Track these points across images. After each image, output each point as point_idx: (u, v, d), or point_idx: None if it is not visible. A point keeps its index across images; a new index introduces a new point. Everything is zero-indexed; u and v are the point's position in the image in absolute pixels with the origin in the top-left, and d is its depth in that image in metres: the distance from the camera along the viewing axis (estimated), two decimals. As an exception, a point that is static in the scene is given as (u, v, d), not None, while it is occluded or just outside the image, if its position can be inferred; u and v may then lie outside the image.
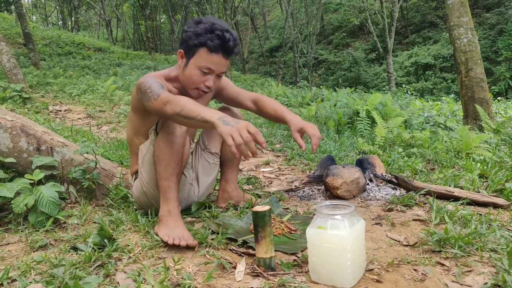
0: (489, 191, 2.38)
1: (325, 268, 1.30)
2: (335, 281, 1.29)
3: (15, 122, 1.97)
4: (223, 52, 1.69)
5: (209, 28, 1.65)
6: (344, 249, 1.26)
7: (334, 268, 1.28)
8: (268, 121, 5.88)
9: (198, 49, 1.67)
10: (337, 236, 1.27)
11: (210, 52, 1.66)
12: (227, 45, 1.68)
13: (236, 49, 1.73)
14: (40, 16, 38.36)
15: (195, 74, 1.70)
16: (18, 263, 1.37)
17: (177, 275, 1.31)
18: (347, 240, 1.26)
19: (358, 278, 1.32)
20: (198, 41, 1.65)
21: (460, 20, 5.20)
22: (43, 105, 6.31)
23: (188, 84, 1.74)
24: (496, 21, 18.90)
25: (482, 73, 5.19)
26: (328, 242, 1.28)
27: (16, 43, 15.88)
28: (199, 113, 1.43)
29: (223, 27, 1.67)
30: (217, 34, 1.65)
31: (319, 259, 1.31)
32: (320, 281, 1.31)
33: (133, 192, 1.95)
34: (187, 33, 1.68)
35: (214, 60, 1.69)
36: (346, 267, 1.27)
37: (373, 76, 21.21)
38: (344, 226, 1.27)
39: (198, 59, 1.68)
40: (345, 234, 1.26)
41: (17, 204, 1.66)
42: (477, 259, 1.45)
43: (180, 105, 1.48)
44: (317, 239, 1.31)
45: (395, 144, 4.17)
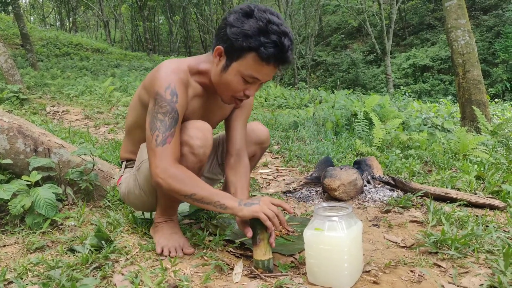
0: (486, 192, 2.39)
1: (322, 270, 1.30)
2: (332, 283, 1.29)
3: (12, 124, 1.96)
4: (276, 62, 1.35)
5: (263, 28, 1.30)
6: (341, 251, 1.26)
7: (331, 270, 1.28)
8: (267, 123, 5.88)
9: (245, 53, 1.33)
10: (334, 237, 1.27)
11: (261, 60, 1.33)
12: (284, 55, 1.34)
13: (291, 58, 1.40)
14: (38, 16, 38.31)
15: (236, 81, 1.40)
16: (14, 265, 1.37)
17: (174, 276, 1.31)
18: (344, 241, 1.26)
19: (355, 280, 1.32)
20: (248, 45, 1.31)
21: (457, 22, 5.22)
22: (41, 106, 6.30)
23: (224, 90, 1.46)
24: (494, 23, 18.98)
25: (480, 75, 5.21)
26: (325, 244, 1.28)
27: (13, 44, 15.86)
28: (218, 200, 1.35)
29: (280, 29, 1.31)
30: (273, 41, 1.30)
31: (316, 261, 1.31)
32: (317, 282, 1.31)
33: (120, 185, 1.76)
34: (232, 29, 1.33)
35: (264, 71, 1.37)
36: (343, 269, 1.27)
37: (371, 77, 21.26)
38: (342, 227, 1.28)
39: (243, 66, 1.36)
40: (342, 236, 1.26)
41: (14, 206, 1.65)
42: (474, 260, 1.45)
43: (192, 185, 1.36)
44: (314, 241, 1.31)
45: (393, 145, 4.18)
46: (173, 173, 1.35)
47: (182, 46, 32.43)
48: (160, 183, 1.36)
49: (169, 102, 1.38)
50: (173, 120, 1.38)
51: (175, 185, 1.35)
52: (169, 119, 1.37)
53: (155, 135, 1.37)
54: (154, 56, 21.01)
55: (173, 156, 1.38)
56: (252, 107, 1.76)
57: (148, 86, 1.48)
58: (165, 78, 1.40)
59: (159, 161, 1.36)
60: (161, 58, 19.99)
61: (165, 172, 1.35)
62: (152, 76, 1.46)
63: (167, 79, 1.40)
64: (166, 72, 1.42)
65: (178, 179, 1.35)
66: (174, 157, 1.38)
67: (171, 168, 1.36)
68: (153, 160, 1.37)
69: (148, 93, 1.47)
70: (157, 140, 1.36)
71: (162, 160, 1.36)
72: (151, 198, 1.61)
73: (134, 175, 1.64)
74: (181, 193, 1.35)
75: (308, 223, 1.36)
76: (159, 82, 1.40)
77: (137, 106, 1.61)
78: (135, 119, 1.64)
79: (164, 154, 1.36)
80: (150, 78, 1.47)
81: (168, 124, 1.37)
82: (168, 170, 1.35)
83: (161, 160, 1.36)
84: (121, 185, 1.75)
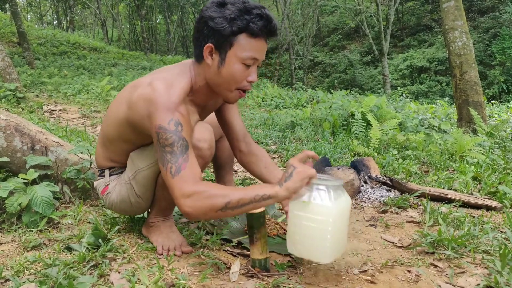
0: (482, 193, 2.40)
1: (303, 240, 1.25)
2: (313, 255, 1.25)
3: (9, 121, 1.96)
4: (266, 35, 1.36)
5: (242, 8, 1.31)
6: (326, 222, 1.21)
7: (313, 241, 1.23)
8: (264, 123, 5.89)
9: (236, 37, 1.32)
10: (320, 207, 1.22)
11: (253, 37, 1.33)
12: (271, 25, 1.34)
13: (278, 29, 1.41)
14: (35, 15, 38.17)
15: (238, 69, 1.36)
16: (11, 263, 1.36)
17: (171, 275, 1.31)
18: (330, 212, 1.21)
19: (336, 256, 1.30)
20: (237, 27, 1.30)
21: (455, 24, 5.24)
22: (38, 104, 6.28)
23: (229, 86, 1.40)
24: (491, 25, 19.06)
25: (477, 77, 5.23)
26: (310, 212, 1.23)
27: (10, 42, 15.80)
28: (256, 193, 1.23)
29: (256, 5, 1.34)
30: (258, 14, 1.31)
31: (298, 229, 1.26)
32: (296, 252, 1.28)
33: (108, 195, 1.63)
34: (216, 20, 1.31)
35: (259, 46, 1.36)
36: (326, 241, 1.22)
37: (368, 78, 21.31)
38: (329, 197, 1.23)
39: (239, 49, 1.33)
40: (329, 205, 1.21)
41: (10, 204, 1.65)
42: (470, 260, 1.46)
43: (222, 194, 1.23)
44: (299, 208, 1.26)
45: (390, 146, 4.19)
46: (197, 194, 1.23)
47: (180, 45, 32.42)
48: (191, 213, 1.24)
49: (174, 133, 1.28)
50: (183, 148, 1.28)
51: (205, 205, 1.22)
52: (179, 148, 1.28)
53: (168, 167, 1.27)
54: (151, 55, 20.98)
55: (192, 178, 1.26)
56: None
57: (142, 112, 1.34)
58: (166, 111, 1.29)
59: (179, 191, 1.25)
60: (158, 58, 19.97)
61: (189, 199, 1.23)
62: (148, 104, 1.32)
63: (168, 113, 1.29)
64: (166, 105, 1.30)
65: (204, 197, 1.23)
66: (193, 180, 1.26)
67: (192, 190, 1.24)
68: (174, 193, 1.26)
69: (144, 120, 1.35)
70: (172, 172, 1.26)
71: (182, 188, 1.24)
72: (147, 204, 1.60)
73: (128, 184, 1.55)
74: (215, 208, 1.22)
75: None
76: (160, 115, 1.29)
77: (123, 124, 1.47)
78: (120, 135, 1.52)
79: (182, 181, 1.25)
80: (145, 106, 1.33)
81: (179, 152, 1.27)
82: (191, 195, 1.23)
83: (181, 188, 1.25)
84: (109, 195, 1.61)
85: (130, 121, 1.43)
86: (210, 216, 1.25)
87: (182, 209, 1.24)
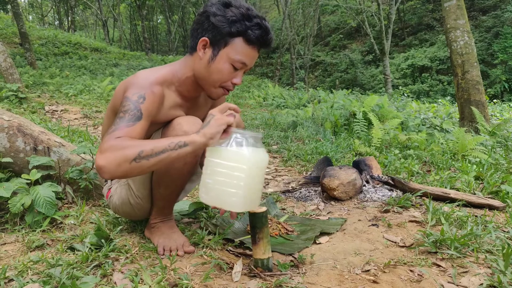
0: (485, 193, 2.39)
1: (217, 187, 1.24)
2: (225, 202, 1.25)
3: (12, 122, 1.96)
4: (260, 45, 1.41)
5: (245, 14, 1.36)
6: (241, 169, 1.21)
7: (227, 188, 1.23)
8: (265, 123, 5.89)
9: (233, 38, 1.37)
10: (237, 154, 1.22)
11: (248, 43, 1.38)
12: (267, 37, 1.40)
13: (273, 42, 1.45)
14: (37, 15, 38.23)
15: (227, 68, 1.40)
16: (15, 263, 1.37)
17: (174, 275, 1.31)
18: (246, 159, 1.21)
19: (248, 208, 1.30)
20: (236, 29, 1.35)
21: (456, 23, 5.23)
22: (39, 105, 6.29)
23: (214, 81, 1.43)
24: (492, 24, 19.02)
25: (478, 76, 5.22)
26: (226, 159, 1.23)
27: (12, 43, 15.82)
28: (171, 141, 1.22)
29: (258, 14, 1.39)
30: (257, 23, 1.36)
31: (213, 176, 1.25)
32: (208, 201, 1.27)
33: (110, 198, 1.67)
34: (217, 18, 1.35)
35: (251, 53, 1.40)
36: (239, 188, 1.22)
37: (369, 78, 21.29)
38: (247, 146, 1.24)
39: (232, 51, 1.38)
40: (245, 153, 1.22)
41: (13, 204, 1.65)
42: (473, 260, 1.46)
43: (134, 145, 1.20)
44: (216, 156, 1.25)
45: (392, 145, 4.18)
46: (112, 147, 1.20)
47: (180, 45, 32.42)
48: (103, 165, 1.18)
49: (133, 102, 1.31)
50: (134, 117, 1.28)
51: (118, 156, 1.18)
52: (129, 115, 1.28)
53: (111, 129, 1.27)
54: (152, 55, 21.00)
55: (118, 136, 1.23)
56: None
57: (120, 94, 1.42)
58: (138, 86, 1.35)
59: (100, 148, 1.22)
60: (160, 58, 19.98)
61: (104, 153, 1.19)
62: (124, 85, 1.40)
63: (139, 88, 1.35)
64: (140, 83, 1.36)
65: (118, 148, 1.19)
66: (118, 137, 1.23)
67: (109, 144, 1.20)
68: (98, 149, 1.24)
69: (119, 101, 1.40)
70: (109, 131, 1.25)
71: (103, 144, 1.22)
72: (147, 204, 1.60)
73: (126, 185, 1.59)
74: (128, 159, 1.18)
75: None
76: (130, 89, 1.35)
77: (110, 115, 1.53)
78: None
79: (109, 137, 1.22)
80: (122, 88, 1.41)
81: (127, 119, 1.27)
82: (107, 149, 1.19)
83: (102, 144, 1.22)
84: (112, 198, 1.66)
85: (113, 107, 1.48)
86: (124, 170, 1.19)
87: (96, 165, 1.19)
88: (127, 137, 1.24)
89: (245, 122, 6.07)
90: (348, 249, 1.60)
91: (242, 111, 8.07)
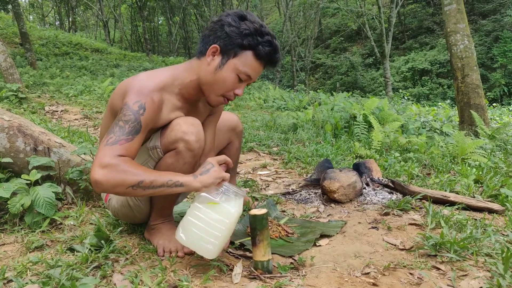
0: (484, 196, 2.39)
1: (197, 233, 1.32)
2: (200, 247, 1.32)
3: (12, 122, 1.96)
4: (267, 62, 1.45)
5: (258, 29, 1.40)
6: (224, 222, 1.31)
7: (206, 236, 1.31)
8: (266, 124, 5.89)
9: (243, 51, 1.40)
10: (225, 209, 1.33)
11: (256, 58, 1.41)
12: (276, 55, 1.45)
13: (280, 61, 1.52)
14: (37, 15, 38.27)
15: (232, 78, 1.43)
16: (14, 264, 1.36)
17: (174, 276, 1.31)
18: (231, 215, 1.32)
19: (217, 255, 1.36)
20: (248, 42, 1.39)
21: (457, 27, 5.24)
22: (40, 105, 6.29)
23: (217, 89, 1.46)
24: (492, 28, 19.06)
25: (478, 79, 5.23)
26: (214, 210, 1.32)
27: (12, 43, 15.83)
28: (170, 179, 1.29)
29: (270, 32, 1.43)
30: (268, 40, 1.41)
31: (196, 221, 1.33)
32: (184, 242, 1.34)
33: (110, 201, 1.68)
34: (231, 28, 1.39)
35: (257, 68, 1.44)
36: (217, 239, 1.31)
37: (370, 80, 21.32)
38: (234, 204, 1.34)
39: (240, 62, 1.41)
40: (232, 210, 1.33)
41: (13, 205, 1.65)
42: (473, 263, 1.46)
43: (137, 173, 1.25)
44: (205, 204, 1.34)
45: (392, 148, 4.18)
46: (114, 166, 1.23)
47: (181, 47, 32.45)
48: (100, 181, 1.22)
49: (134, 113, 1.33)
50: (133, 130, 1.31)
51: (117, 178, 1.23)
52: (129, 127, 1.31)
53: (108, 137, 1.30)
54: (153, 56, 21.01)
55: (118, 154, 1.27)
56: (221, 113, 1.83)
57: (119, 96, 1.43)
58: (138, 93, 1.36)
59: (98, 159, 1.25)
60: (160, 59, 20.00)
61: (103, 169, 1.23)
62: (124, 87, 1.41)
63: (139, 95, 1.36)
64: (140, 89, 1.37)
65: (119, 170, 1.24)
66: (118, 155, 1.27)
67: (110, 162, 1.24)
68: (95, 159, 1.26)
69: (119, 102, 1.42)
70: (108, 141, 1.28)
71: (103, 157, 1.24)
72: (146, 206, 1.60)
73: None
74: (126, 184, 1.24)
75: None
76: (131, 95, 1.36)
77: (108, 115, 1.54)
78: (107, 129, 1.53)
79: (107, 151, 1.26)
80: (122, 89, 1.42)
81: (127, 131, 1.31)
82: (107, 166, 1.23)
83: (101, 157, 1.25)
84: (111, 201, 1.67)
85: (111, 108, 1.50)
86: (118, 191, 1.26)
87: (92, 177, 1.23)
88: (129, 158, 1.29)
89: (246, 124, 6.08)
90: (348, 251, 1.60)
91: (243, 113, 8.08)
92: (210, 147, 1.75)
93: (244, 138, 4.52)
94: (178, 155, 1.42)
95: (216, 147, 1.89)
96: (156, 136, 1.48)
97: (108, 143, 1.28)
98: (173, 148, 1.43)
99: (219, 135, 1.88)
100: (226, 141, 1.95)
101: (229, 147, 1.99)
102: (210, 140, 1.74)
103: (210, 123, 1.75)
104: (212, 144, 1.77)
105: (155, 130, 1.49)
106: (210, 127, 1.74)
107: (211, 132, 1.75)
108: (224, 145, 1.96)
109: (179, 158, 1.43)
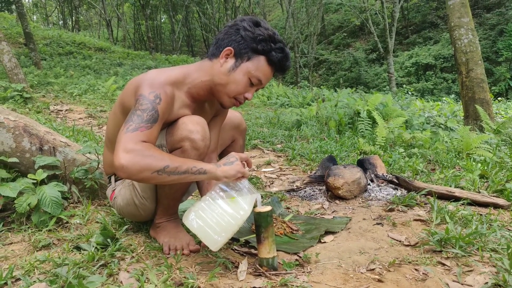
0: (490, 191, 2.39)
1: (208, 222, 1.34)
2: (207, 236, 1.34)
3: (18, 122, 1.97)
4: (278, 68, 1.49)
5: (272, 35, 1.44)
6: (236, 218, 1.34)
7: (216, 227, 1.33)
8: (269, 121, 5.89)
9: (256, 55, 1.44)
10: (241, 205, 1.36)
11: (268, 63, 1.45)
12: (286, 63, 1.49)
13: (289, 68, 1.54)
14: (41, 15, 38.35)
15: (244, 81, 1.46)
16: (21, 263, 1.38)
17: (180, 274, 1.32)
18: (244, 213, 1.35)
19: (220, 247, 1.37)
20: (262, 47, 1.43)
21: (460, 21, 5.20)
22: (44, 105, 6.32)
23: (230, 91, 1.47)
24: (497, 22, 18.90)
25: (483, 74, 5.20)
26: (231, 205, 1.36)
27: (17, 43, 15.90)
28: (194, 165, 1.31)
29: (282, 40, 1.48)
30: (281, 47, 1.45)
31: (211, 211, 1.36)
32: (192, 227, 1.35)
33: (115, 200, 1.68)
34: (247, 33, 1.43)
35: (268, 74, 1.48)
36: (226, 232, 1.33)
37: (373, 76, 21.23)
38: (250, 202, 1.37)
39: (253, 66, 1.44)
40: (246, 208, 1.35)
41: (20, 204, 1.67)
42: (478, 259, 1.46)
43: (162, 158, 1.27)
44: (223, 196, 1.38)
45: (396, 144, 4.18)
46: (139, 151, 1.25)
47: (184, 44, 32.45)
48: (125, 166, 1.22)
49: (151, 102, 1.34)
50: (151, 118, 1.32)
51: (143, 162, 1.24)
52: (148, 116, 1.32)
53: (128, 124, 1.30)
54: (156, 54, 21.02)
55: (141, 140, 1.28)
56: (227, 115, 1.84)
57: (131, 92, 1.44)
58: (151, 85, 1.38)
59: (122, 145, 1.25)
60: (164, 57, 20.01)
61: (129, 154, 1.24)
62: (136, 83, 1.42)
63: (153, 86, 1.37)
64: (153, 81, 1.39)
65: (145, 155, 1.25)
66: (141, 141, 1.28)
67: (134, 147, 1.25)
68: (118, 146, 1.26)
69: (131, 98, 1.43)
70: (128, 128, 1.29)
71: (127, 143, 1.25)
72: (152, 204, 1.61)
73: (131, 186, 1.61)
74: (152, 169, 1.25)
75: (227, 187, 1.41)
76: (144, 87, 1.37)
77: (117, 112, 1.55)
78: (116, 127, 1.55)
79: (131, 138, 1.27)
80: (134, 85, 1.43)
81: (146, 119, 1.31)
82: (132, 151, 1.24)
83: (125, 143, 1.25)
84: (116, 199, 1.67)
85: (122, 105, 1.50)
86: (143, 176, 1.25)
87: (118, 162, 1.23)
88: (152, 144, 1.31)
89: (249, 121, 6.08)
90: (353, 248, 1.60)
91: (246, 110, 8.08)
92: (214, 147, 1.76)
93: (248, 135, 4.53)
94: (183, 153, 1.42)
95: (220, 145, 1.90)
96: (162, 135, 1.48)
97: (129, 129, 1.29)
98: (179, 146, 1.43)
99: (223, 133, 1.89)
100: (230, 139, 1.96)
101: (233, 145, 2.00)
102: (214, 141, 1.75)
103: (215, 124, 1.76)
104: (216, 145, 1.78)
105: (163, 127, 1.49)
106: (215, 127, 1.75)
107: (216, 133, 1.76)
108: (228, 143, 1.96)
109: (185, 156, 1.42)
